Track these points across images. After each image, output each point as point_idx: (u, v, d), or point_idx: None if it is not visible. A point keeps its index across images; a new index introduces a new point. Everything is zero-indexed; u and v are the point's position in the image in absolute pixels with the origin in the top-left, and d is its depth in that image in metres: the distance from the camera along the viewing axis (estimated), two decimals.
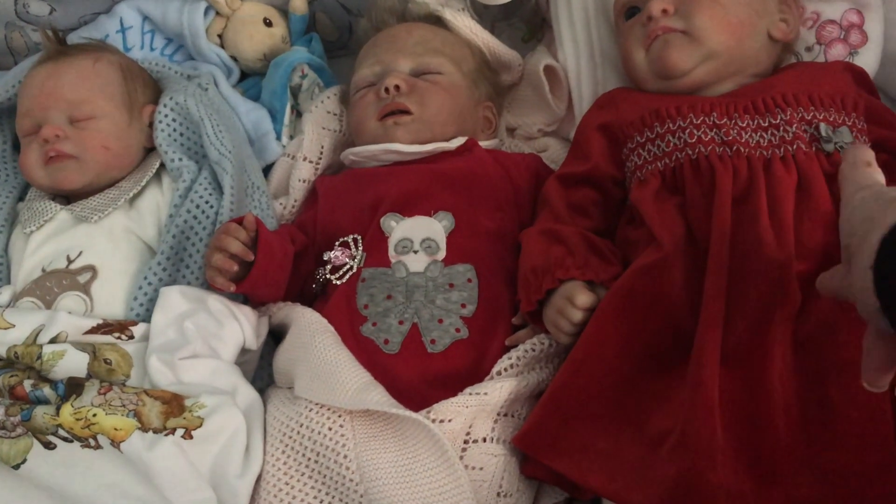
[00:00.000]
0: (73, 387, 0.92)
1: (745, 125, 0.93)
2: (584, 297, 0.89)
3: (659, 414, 0.82)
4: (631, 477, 0.81)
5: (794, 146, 0.91)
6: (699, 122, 0.94)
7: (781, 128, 0.93)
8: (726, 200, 0.86)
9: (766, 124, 0.93)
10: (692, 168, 0.91)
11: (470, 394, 0.91)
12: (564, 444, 0.84)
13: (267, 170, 1.23)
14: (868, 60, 1.09)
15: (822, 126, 0.92)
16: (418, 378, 0.96)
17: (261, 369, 1.10)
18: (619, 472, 0.82)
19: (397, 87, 1.11)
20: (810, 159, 0.90)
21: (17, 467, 0.89)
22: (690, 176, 0.91)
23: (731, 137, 0.92)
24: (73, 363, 0.96)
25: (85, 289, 1.06)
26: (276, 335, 1.10)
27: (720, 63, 1.00)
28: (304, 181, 1.18)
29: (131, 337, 1.01)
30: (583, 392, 0.86)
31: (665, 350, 0.84)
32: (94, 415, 0.89)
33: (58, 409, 0.90)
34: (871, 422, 0.77)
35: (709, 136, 0.92)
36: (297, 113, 1.27)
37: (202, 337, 1.01)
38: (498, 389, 0.91)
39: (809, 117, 0.93)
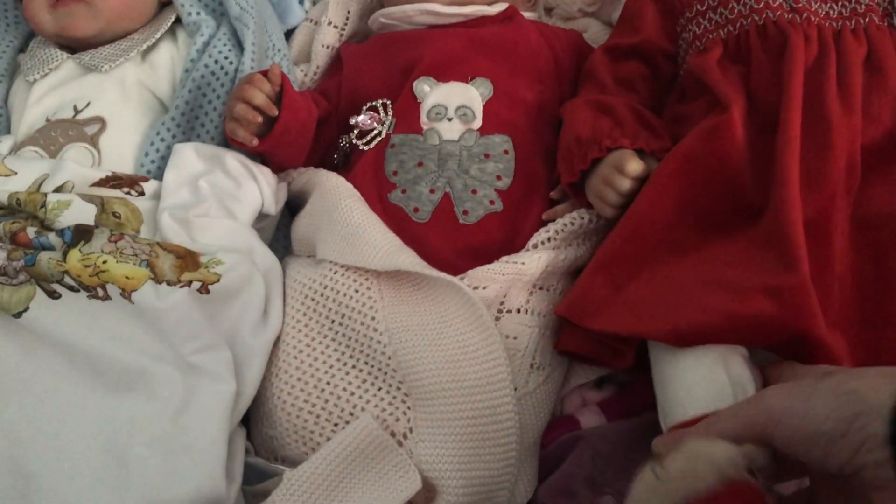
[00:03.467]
0: (82, 233, 0.86)
1: None
2: (635, 165, 0.83)
3: (726, 271, 0.75)
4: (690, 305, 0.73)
5: (867, 18, 0.85)
6: None
7: None
8: (799, 67, 0.80)
9: None
10: (759, 35, 0.85)
11: (506, 262, 0.86)
12: (614, 308, 0.78)
13: (287, 36, 1.15)
14: None
15: None
16: (449, 249, 0.91)
17: (276, 241, 1.05)
18: (676, 309, 0.74)
19: None
20: (882, 33, 0.84)
21: (18, 315, 0.83)
22: (757, 43, 0.85)
23: (800, 5, 0.85)
24: (80, 214, 0.89)
25: (92, 141, 0.99)
26: (292, 207, 1.04)
27: None
28: (327, 47, 1.11)
29: (142, 193, 0.95)
30: (635, 259, 0.80)
31: (726, 218, 0.79)
32: (105, 262, 0.83)
33: (64, 254, 0.84)
34: None
35: (777, 2, 0.86)
36: None
37: (217, 197, 0.95)
38: (535, 260, 0.86)
39: None
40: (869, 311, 0.74)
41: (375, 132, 0.98)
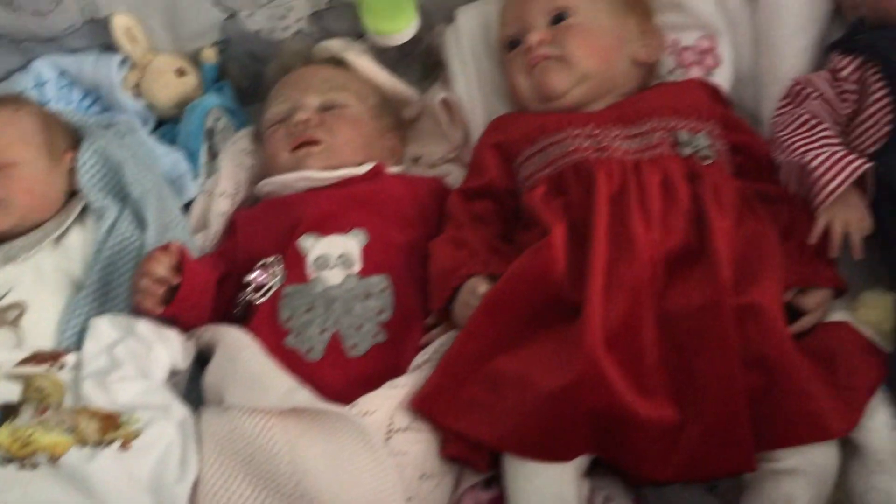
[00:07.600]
0: (9, 410, 0.96)
1: (616, 134, 1.07)
2: (485, 288, 0.99)
3: (542, 372, 0.91)
4: (509, 423, 0.91)
5: (658, 150, 1.05)
6: (577, 133, 1.07)
7: (647, 135, 1.06)
8: (603, 196, 0.98)
9: (635, 133, 1.07)
10: (574, 172, 1.04)
11: (390, 387, 0.99)
12: (458, 404, 0.94)
13: (185, 209, 1.29)
14: (722, 79, 1.23)
15: (681, 133, 1.06)
16: (341, 381, 1.03)
17: (190, 392, 1.15)
18: (499, 422, 0.92)
19: (307, 121, 1.20)
20: (672, 161, 1.04)
21: None
22: (572, 178, 1.04)
23: (604, 144, 1.05)
24: (5, 395, 0.99)
25: (13, 324, 1.09)
26: (202, 360, 1.15)
27: (592, 84, 1.14)
28: (222, 214, 1.25)
29: (63, 367, 1.05)
30: (474, 357, 0.96)
31: (551, 319, 0.95)
32: (31, 433, 0.93)
33: None
34: (728, 391, 0.88)
35: (586, 144, 1.06)
36: (213, 154, 1.34)
37: (132, 361, 1.05)
38: (414, 380, 0.99)
39: (671, 126, 1.07)
40: (679, 396, 0.89)
41: (268, 286, 1.12)
